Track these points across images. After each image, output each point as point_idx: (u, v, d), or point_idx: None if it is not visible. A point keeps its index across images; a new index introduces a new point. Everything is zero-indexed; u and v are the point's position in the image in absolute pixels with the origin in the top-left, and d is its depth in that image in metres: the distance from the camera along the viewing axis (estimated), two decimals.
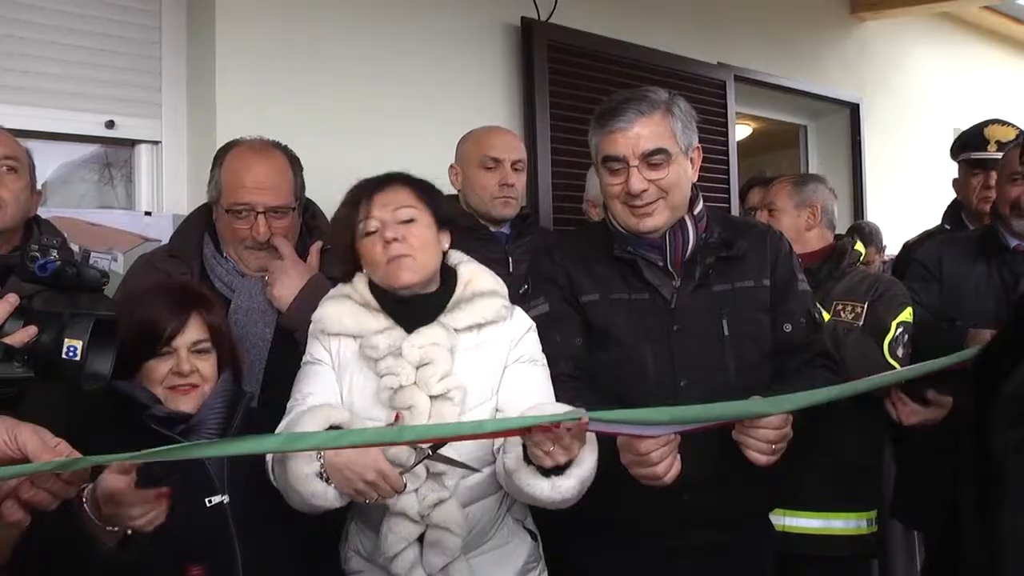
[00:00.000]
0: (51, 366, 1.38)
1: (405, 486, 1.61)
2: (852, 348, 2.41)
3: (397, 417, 1.64)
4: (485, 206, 2.72)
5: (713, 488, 1.89)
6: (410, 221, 1.83)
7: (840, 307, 2.55)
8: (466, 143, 2.83)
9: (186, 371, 1.75)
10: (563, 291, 2.02)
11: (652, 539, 1.96)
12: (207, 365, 1.79)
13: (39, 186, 2.20)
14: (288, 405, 1.83)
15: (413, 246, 1.81)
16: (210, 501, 1.70)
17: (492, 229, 2.74)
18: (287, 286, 2.13)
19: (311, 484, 1.58)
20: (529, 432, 1.54)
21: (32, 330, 1.38)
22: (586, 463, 1.64)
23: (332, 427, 1.58)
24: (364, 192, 1.85)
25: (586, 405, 1.85)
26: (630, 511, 1.87)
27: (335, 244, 1.90)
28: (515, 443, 1.65)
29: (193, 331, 1.78)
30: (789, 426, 1.74)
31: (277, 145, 2.28)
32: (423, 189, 1.89)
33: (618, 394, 1.94)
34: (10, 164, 2.07)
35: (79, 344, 1.39)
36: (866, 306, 2.53)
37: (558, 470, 1.62)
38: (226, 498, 1.72)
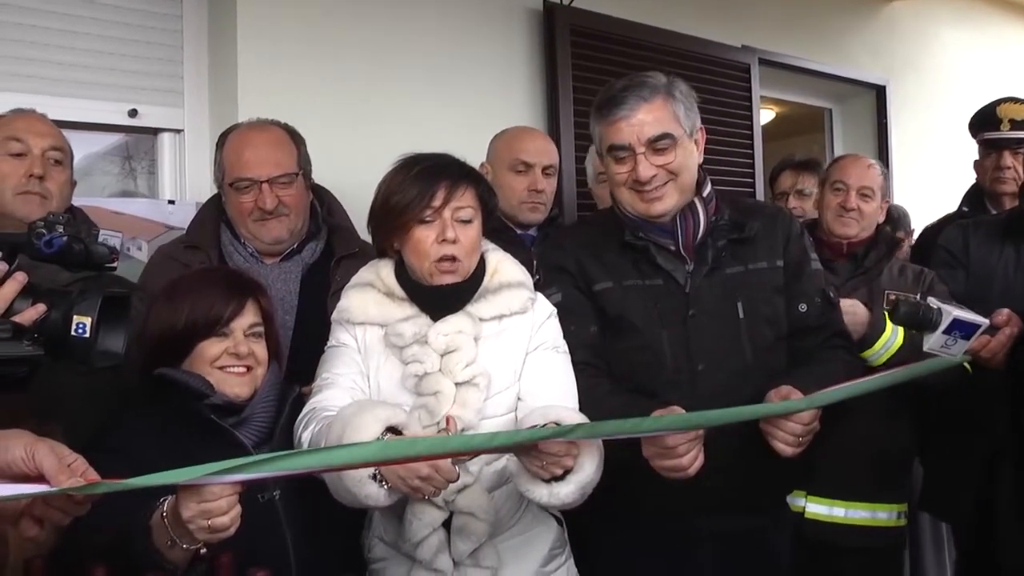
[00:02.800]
0: (61, 344, 1.38)
1: (459, 476, 1.59)
2: None
3: (448, 421, 1.63)
4: (512, 209, 2.70)
5: (733, 473, 1.89)
6: (468, 222, 1.82)
7: (894, 298, 2.52)
8: (498, 142, 2.81)
9: (244, 353, 1.74)
10: (575, 280, 2.02)
11: (673, 524, 1.96)
12: (261, 349, 1.79)
13: None
14: (315, 385, 1.84)
15: (465, 248, 1.81)
16: (263, 497, 1.68)
17: (518, 232, 2.73)
18: None
19: (365, 487, 1.56)
20: (525, 450, 1.54)
21: (40, 308, 1.38)
22: (586, 469, 1.64)
23: (390, 428, 1.55)
24: (439, 181, 1.80)
25: (605, 396, 1.88)
26: (651, 496, 1.87)
27: (383, 216, 1.84)
28: None
29: (250, 315, 1.78)
30: (817, 420, 1.76)
31: (276, 122, 2.31)
32: (487, 192, 1.89)
33: (635, 381, 1.95)
34: (57, 156, 2.09)
35: (88, 321, 1.38)
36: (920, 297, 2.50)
37: (558, 476, 1.62)
38: (277, 493, 1.71)
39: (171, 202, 2.89)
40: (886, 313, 2.22)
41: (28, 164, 2.04)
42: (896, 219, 4.19)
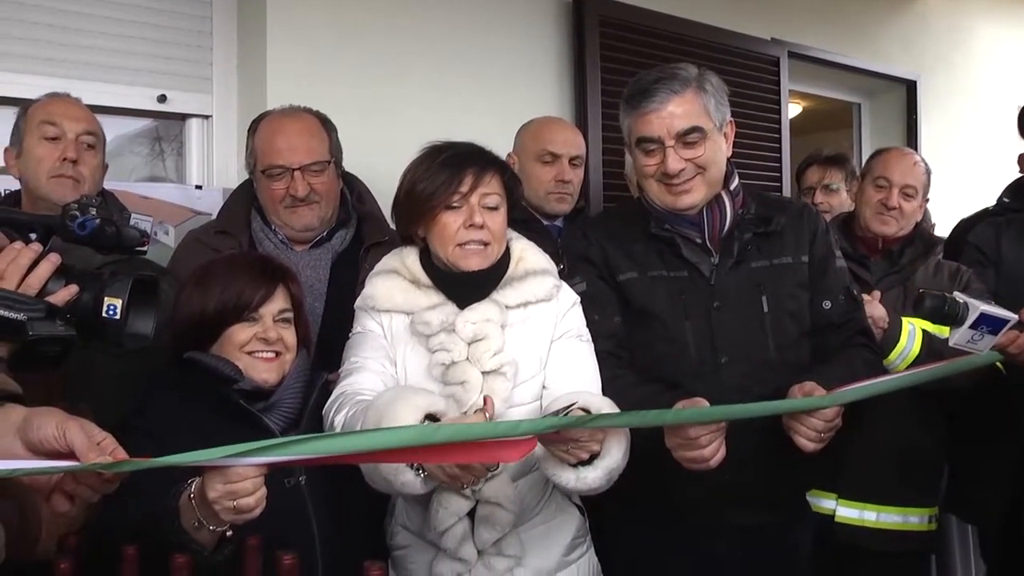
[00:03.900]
0: (92, 325, 1.41)
1: (498, 463, 1.59)
2: None
3: (486, 401, 1.63)
4: (539, 200, 2.70)
5: (754, 468, 1.89)
6: (495, 209, 1.82)
7: (921, 292, 2.48)
8: (525, 133, 2.80)
9: (273, 338, 1.75)
10: (599, 270, 2.02)
11: (693, 516, 1.96)
12: (290, 335, 1.80)
13: None
14: (344, 369, 1.84)
15: (493, 234, 1.81)
16: (289, 481, 1.69)
17: (545, 223, 2.72)
18: None
19: (402, 475, 1.57)
20: (550, 436, 1.54)
21: (73, 289, 1.41)
22: (613, 454, 1.64)
23: (428, 416, 1.54)
24: (466, 168, 1.80)
25: (628, 386, 1.88)
26: (672, 489, 1.88)
27: (409, 203, 1.84)
28: None
29: (279, 300, 1.80)
30: (839, 417, 1.76)
31: (308, 109, 2.31)
32: (512, 180, 1.90)
33: (658, 371, 1.95)
34: (90, 141, 2.12)
35: (119, 303, 1.41)
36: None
37: (585, 460, 1.62)
38: (304, 478, 1.72)
39: (198, 187, 2.91)
40: (914, 309, 2.18)
41: (62, 148, 2.07)
42: None
